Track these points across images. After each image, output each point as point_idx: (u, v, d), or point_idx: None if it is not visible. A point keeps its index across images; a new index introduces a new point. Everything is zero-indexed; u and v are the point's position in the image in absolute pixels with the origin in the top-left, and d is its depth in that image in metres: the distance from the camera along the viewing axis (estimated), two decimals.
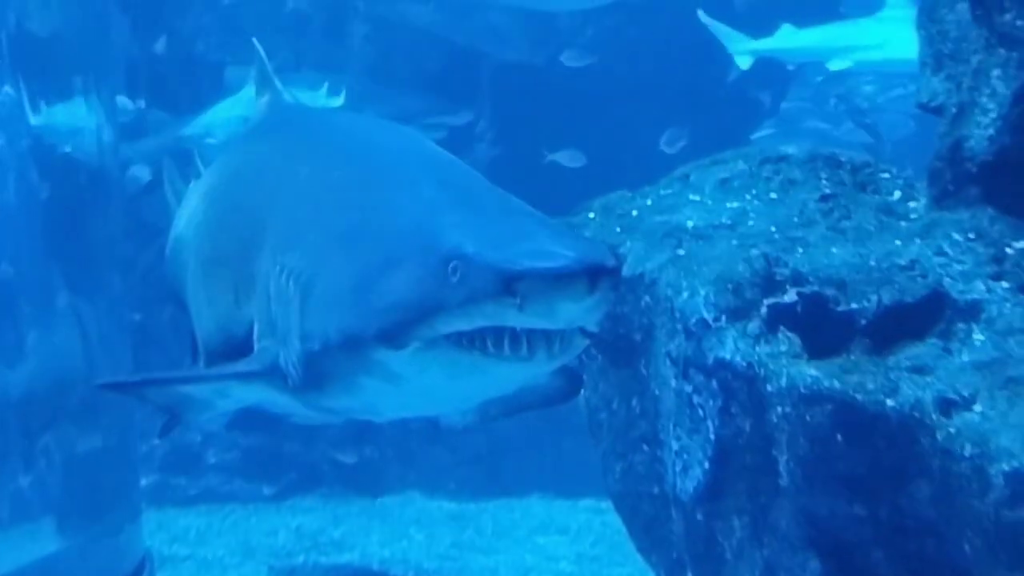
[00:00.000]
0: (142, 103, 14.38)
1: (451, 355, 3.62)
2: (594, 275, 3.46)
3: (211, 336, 4.64)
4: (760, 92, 15.16)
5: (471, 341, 3.59)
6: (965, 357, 5.12)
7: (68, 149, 7.75)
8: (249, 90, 6.94)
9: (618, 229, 6.40)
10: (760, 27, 14.04)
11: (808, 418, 5.19)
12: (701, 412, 5.76)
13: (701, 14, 13.34)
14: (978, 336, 5.19)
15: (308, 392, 4.03)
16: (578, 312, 3.53)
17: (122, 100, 12.53)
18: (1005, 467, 4.60)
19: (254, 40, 5.46)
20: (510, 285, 3.46)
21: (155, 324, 13.63)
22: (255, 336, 4.23)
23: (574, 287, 3.45)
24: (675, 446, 5.97)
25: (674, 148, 13.33)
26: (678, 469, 5.96)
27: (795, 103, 17.71)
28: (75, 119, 8.85)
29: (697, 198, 6.35)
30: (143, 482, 12.38)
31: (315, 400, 4.09)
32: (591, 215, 6.69)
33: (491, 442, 14.76)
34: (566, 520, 13.30)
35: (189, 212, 5.29)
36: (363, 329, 3.69)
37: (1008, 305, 5.27)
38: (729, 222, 6.05)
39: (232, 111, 12.62)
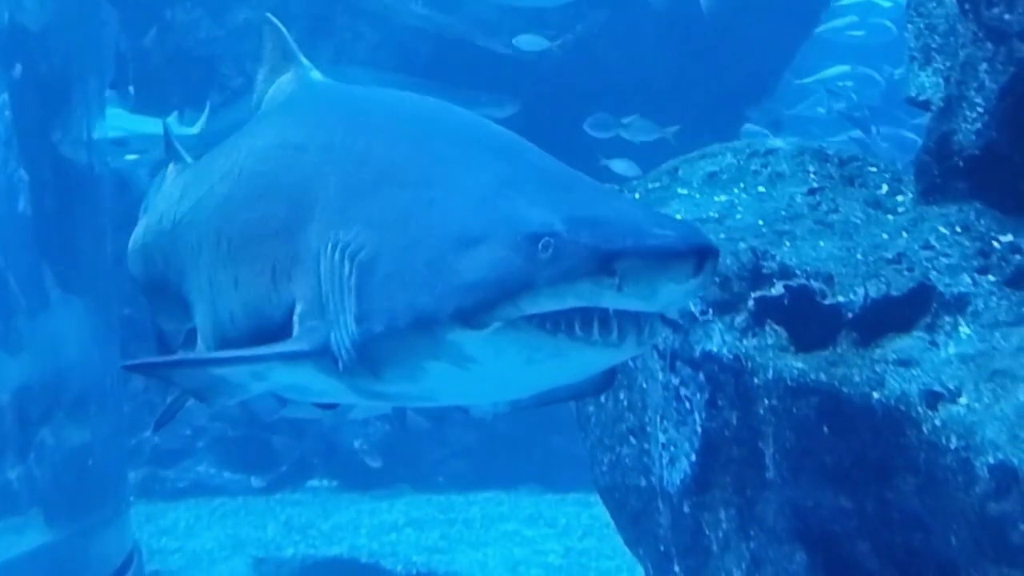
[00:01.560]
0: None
1: (533, 337, 3.43)
2: (701, 256, 3.34)
3: (235, 319, 4.40)
4: (749, 90, 15.22)
5: (555, 324, 3.40)
6: (951, 350, 5.13)
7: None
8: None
9: None
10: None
11: (794, 410, 5.21)
12: (688, 405, 5.78)
13: None
14: (964, 329, 5.20)
15: (362, 376, 3.83)
16: (679, 295, 3.41)
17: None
18: (990, 460, 4.61)
19: (269, 15, 5.14)
20: (609, 264, 3.29)
21: (144, 319, 13.60)
22: (297, 317, 4.01)
23: (680, 268, 3.33)
24: (662, 439, 5.98)
25: (605, 134, 13.39)
26: (665, 461, 5.98)
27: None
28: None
29: (685, 192, 6.36)
30: (132, 475, 12.42)
31: (368, 385, 3.88)
32: None
33: (480, 437, 14.79)
34: (555, 514, 13.33)
35: (198, 194, 5.01)
36: (437, 308, 3.50)
37: (994, 298, 5.29)
38: (717, 215, 6.06)
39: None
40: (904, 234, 5.67)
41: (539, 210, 3.48)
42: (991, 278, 5.37)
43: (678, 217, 6.07)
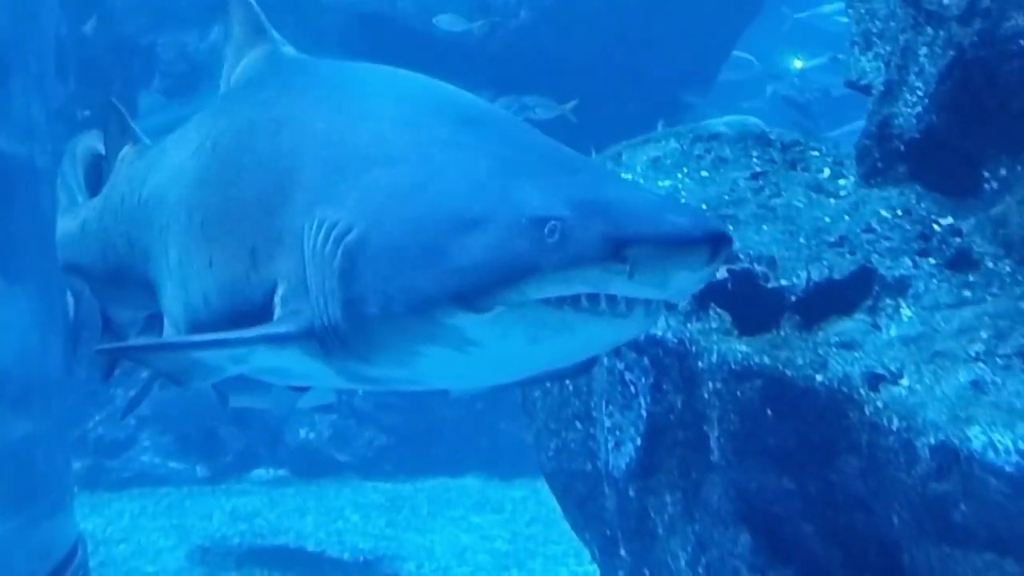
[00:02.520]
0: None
1: (539, 313, 3.33)
2: (716, 243, 3.25)
3: (209, 301, 4.22)
4: (691, 78, 15.28)
5: (560, 299, 3.31)
6: (893, 332, 5.17)
7: None
8: None
9: None
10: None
11: (739, 394, 5.24)
12: (633, 389, 5.79)
13: None
14: (905, 312, 5.24)
15: (349, 359, 3.72)
16: (691, 282, 3.34)
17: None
18: (931, 440, 4.64)
19: None
20: (620, 250, 3.20)
21: (87, 308, 13.53)
22: (279, 299, 3.86)
23: (695, 255, 3.25)
24: (607, 423, 6.00)
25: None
26: (610, 446, 5.99)
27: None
28: None
29: (629, 177, 6.37)
30: (76, 466, 12.33)
31: (356, 368, 3.77)
32: None
33: (427, 423, 14.79)
34: (501, 499, 13.37)
35: (166, 173, 4.80)
36: (436, 291, 3.38)
37: (935, 281, 5.33)
38: None
39: None
40: (846, 217, 5.70)
41: (543, 193, 3.39)
42: (932, 261, 5.42)
43: None
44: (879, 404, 4.89)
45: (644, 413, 5.72)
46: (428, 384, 4.01)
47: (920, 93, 5.71)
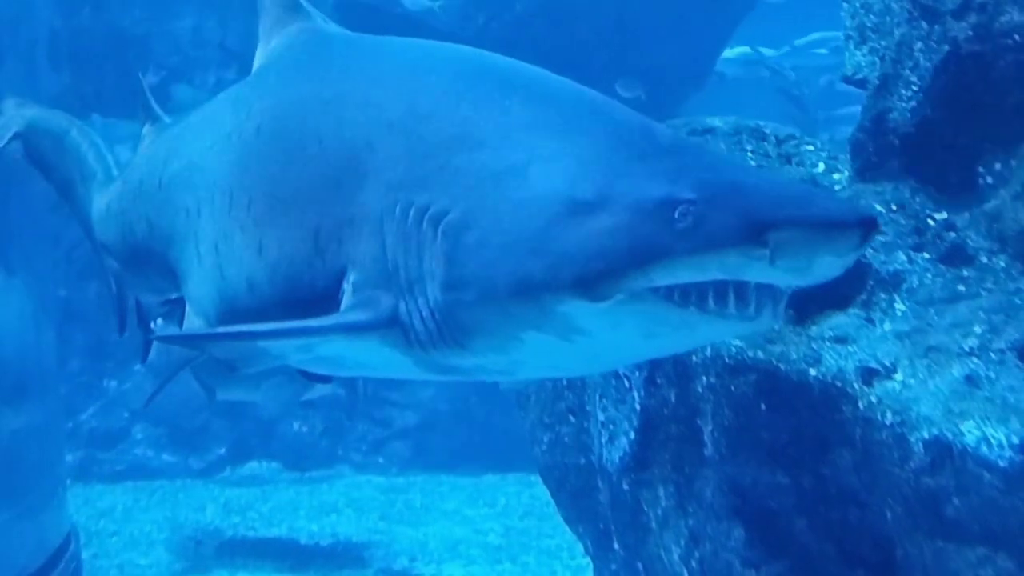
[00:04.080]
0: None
1: (660, 310, 3.15)
2: (867, 227, 3.10)
3: (255, 287, 4.03)
4: (687, 70, 15.27)
5: (684, 295, 3.13)
6: (887, 327, 5.17)
7: None
8: None
9: None
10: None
11: (732, 388, 5.24)
12: (627, 383, 5.79)
13: None
14: (899, 306, 5.24)
15: (439, 348, 3.53)
16: (834, 268, 3.17)
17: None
18: (925, 435, 4.64)
19: None
20: (763, 234, 3.03)
21: (80, 299, 13.53)
22: (350, 285, 3.67)
23: (845, 240, 3.09)
24: (601, 417, 6.00)
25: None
26: (604, 440, 6.00)
27: None
28: None
29: None
30: (69, 458, 12.33)
31: (442, 357, 3.58)
32: None
33: (420, 417, 14.80)
34: (494, 493, 13.38)
35: (193, 155, 4.60)
36: (549, 276, 3.20)
37: (929, 275, 5.33)
38: None
39: None
40: None
41: (664, 175, 3.22)
42: (926, 255, 5.42)
43: None
44: (873, 398, 4.89)
45: (638, 407, 5.72)
46: (520, 374, 3.85)
47: (915, 88, 5.70)
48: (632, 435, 5.78)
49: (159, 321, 5.86)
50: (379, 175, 3.66)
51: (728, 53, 15.29)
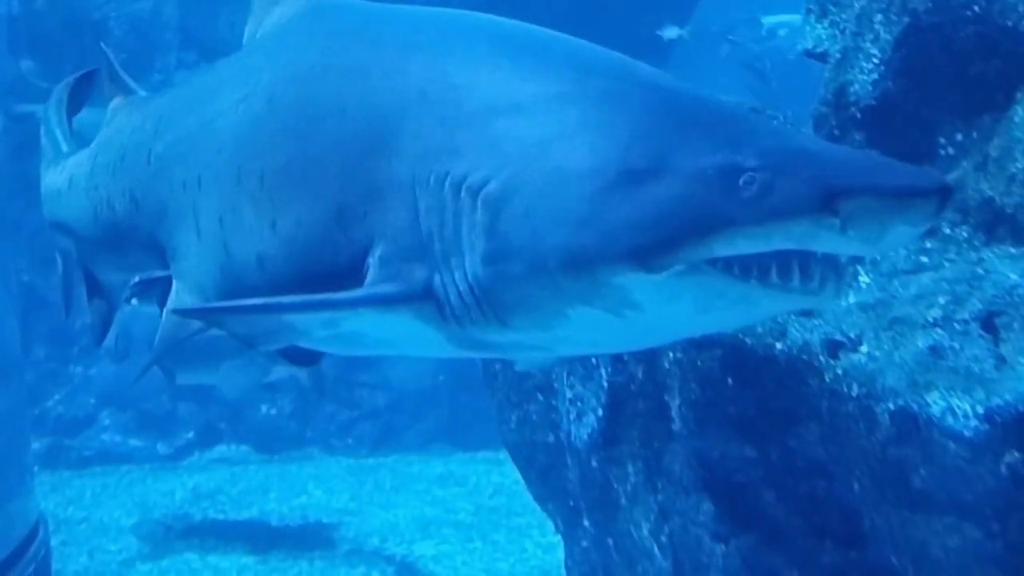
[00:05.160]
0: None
1: (719, 283, 3.01)
2: (943, 196, 2.99)
3: (266, 263, 3.89)
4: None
5: (745, 268, 2.99)
6: (851, 299, 5.19)
7: None
8: None
9: None
10: None
11: (699, 363, 5.25)
12: (594, 360, 5.80)
13: None
14: (864, 279, 5.26)
15: (477, 323, 3.39)
16: (905, 238, 3.07)
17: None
18: (891, 406, 4.67)
19: None
20: (834, 202, 2.90)
21: (44, 286, 13.46)
22: (376, 259, 3.52)
23: (921, 209, 2.97)
24: (569, 394, 6.01)
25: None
26: (572, 417, 6.01)
27: None
28: None
29: None
30: (36, 445, 12.27)
31: (479, 333, 3.44)
32: None
33: (389, 397, 14.79)
34: (465, 472, 13.39)
35: (189, 127, 4.43)
36: (603, 247, 3.05)
37: None
38: None
39: None
40: None
41: (725, 143, 3.09)
42: None
43: None
44: (839, 371, 4.91)
45: (605, 384, 5.74)
46: (559, 351, 3.71)
47: (876, 60, 5.71)
48: (600, 412, 5.79)
49: (133, 301, 5.75)
50: (410, 145, 3.52)
51: None
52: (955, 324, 4.88)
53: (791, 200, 2.93)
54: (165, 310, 4.60)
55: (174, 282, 4.51)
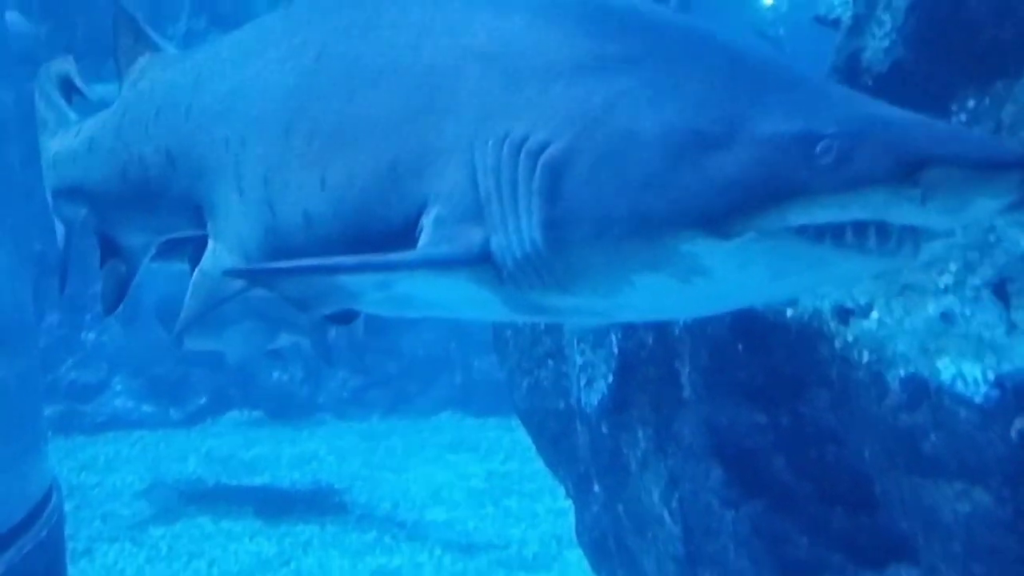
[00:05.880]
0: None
1: (793, 247, 2.96)
2: None
3: (314, 223, 3.81)
4: None
5: (820, 231, 2.94)
6: None
7: None
8: None
9: None
10: None
11: (709, 330, 5.26)
12: (604, 326, 5.81)
13: None
14: None
15: (533, 288, 3.33)
16: (986, 211, 2.98)
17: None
18: (901, 372, 4.68)
19: None
20: (916, 172, 2.84)
21: (56, 254, 13.48)
22: (431, 220, 3.46)
23: (1005, 181, 2.88)
24: (579, 361, 6.02)
25: None
26: (583, 383, 6.02)
27: None
28: None
29: None
30: (49, 411, 12.33)
31: (538, 297, 3.37)
32: None
33: (400, 363, 14.83)
34: (476, 438, 13.43)
35: (231, 83, 4.34)
36: (675, 212, 2.99)
37: None
38: None
39: None
40: None
41: (800, 109, 3.04)
42: None
43: None
44: (849, 338, 4.91)
45: (615, 350, 5.74)
46: (619, 316, 3.64)
47: (888, 27, 5.70)
48: (610, 378, 5.80)
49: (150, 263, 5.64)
50: (469, 105, 3.45)
51: None
52: (966, 290, 4.88)
53: (871, 169, 2.87)
54: (198, 270, 4.51)
55: (211, 242, 4.41)
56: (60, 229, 5.64)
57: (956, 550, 4.58)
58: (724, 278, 3.07)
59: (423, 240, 3.44)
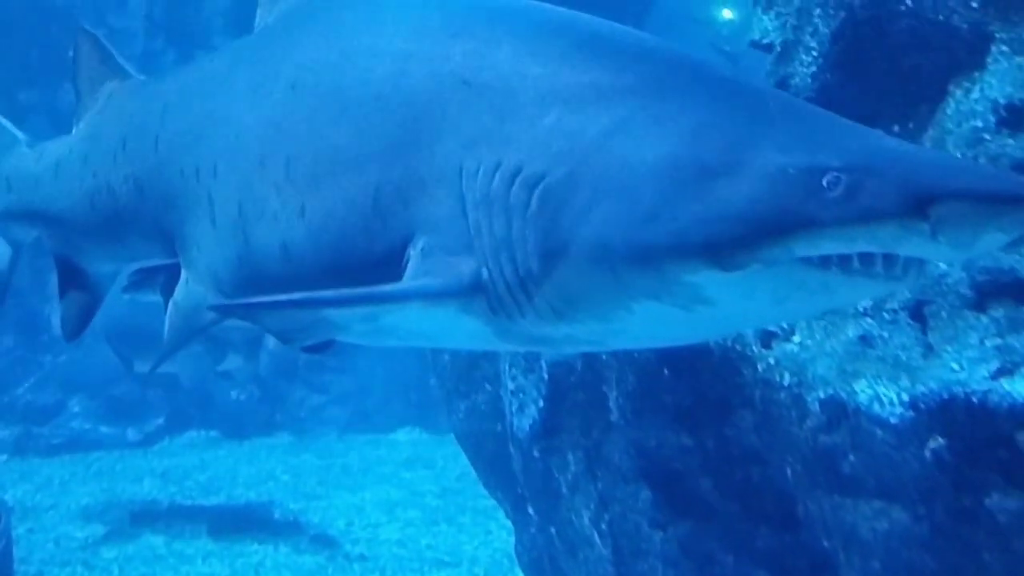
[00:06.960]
0: None
1: (797, 274, 2.92)
2: None
3: (292, 253, 3.74)
4: None
5: (825, 262, 2.89)
6: None
7: None
8: None
9: None
10: None
11: (636, 355, 5.34)
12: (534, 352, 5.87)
13: None
14: None
15: (526, 317, 3.29)
16: (996, 245, 2.94)
17: None
18: (821, 394, 4.76)
19: None
20: (926, 206, 2.78)
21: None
22: (416, 250, 3.38)
23: (1016, 215, 2.83)
24: (511, 386, 6.08)
25: None
26: (514, 408, 6.08)
27: None
28: None
29: None
30: (5, 433, 12.32)
31: (532, 327, 3.33)
32: None
33: (357, 381, 14.85)
34: (432, 455, 13.46)
35: (202, 112, 4.26)
36: (679, 245, 2.94)
37: None
38: None
39: None
40: None
41: (805, 142, 2.97)
42: None
43: None
44: (771, 360, 5.00)
45: (545, 376, 5.82)
46: (614, 344, 3.58)
47: (815, 53, 5.78)
48: (541, 403, 5.87)
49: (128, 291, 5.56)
50: (455, 134, 3.38)
51: None
52: (884, 313, 4.96)
53: (880, 203, 2.82)
54: (172, 303, 4.47)
55: (184, 272, 4.35)
56: (5, 249, 5.51)
57: (875, 567, 4.67)
58: (727, 306, 3.04)
59: (410, 271, 3.38)
